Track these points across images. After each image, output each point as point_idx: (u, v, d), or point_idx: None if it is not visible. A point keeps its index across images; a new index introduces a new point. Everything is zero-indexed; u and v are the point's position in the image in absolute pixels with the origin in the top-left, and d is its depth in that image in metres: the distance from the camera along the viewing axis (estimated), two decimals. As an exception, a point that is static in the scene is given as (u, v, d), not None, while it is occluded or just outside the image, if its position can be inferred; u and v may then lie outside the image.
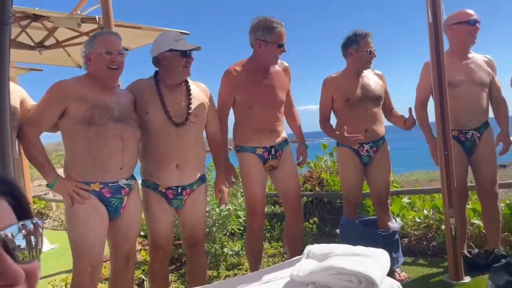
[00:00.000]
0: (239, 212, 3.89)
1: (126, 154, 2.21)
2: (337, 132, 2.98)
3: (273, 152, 2.83)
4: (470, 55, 2.99)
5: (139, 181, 2.46)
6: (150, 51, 2.45)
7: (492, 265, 2.72)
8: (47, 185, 2.20)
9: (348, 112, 2.98)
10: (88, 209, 2.12)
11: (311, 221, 4.02)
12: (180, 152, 2.37)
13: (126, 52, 2.26)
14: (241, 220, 3.92)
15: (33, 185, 9.10)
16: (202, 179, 2.52)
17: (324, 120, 3.10)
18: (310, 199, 4.30)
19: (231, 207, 3.81)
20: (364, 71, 3.03)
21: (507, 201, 3.57)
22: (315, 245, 2.17)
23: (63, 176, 2.18)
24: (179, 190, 2.41)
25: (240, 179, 2.94)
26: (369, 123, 2.98)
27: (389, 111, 3.15)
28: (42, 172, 2.14)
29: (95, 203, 2.13)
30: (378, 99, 3.01)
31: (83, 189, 2.11)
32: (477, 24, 2.89)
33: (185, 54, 2.33)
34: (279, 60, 2.78)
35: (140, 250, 3.90)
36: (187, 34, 3.85)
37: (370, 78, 3.05)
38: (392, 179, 4.21)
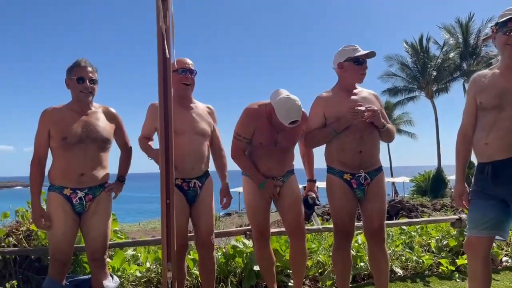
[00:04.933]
0: None
1: None
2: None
3: None
4: None
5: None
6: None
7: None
8: None
9: None
10: None
11: (7, 285, 3.17)
12: None
13: None
14: None
15: None
16: None
17: None
18: (13, 256, 3.45)
19: None
20: None
21: (224, 250, 3.75)
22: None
23: None
24: None
25: None
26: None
27: None
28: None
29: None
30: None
31: None
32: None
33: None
34: None
35: None
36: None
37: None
38: (116, 228, 3.88)
